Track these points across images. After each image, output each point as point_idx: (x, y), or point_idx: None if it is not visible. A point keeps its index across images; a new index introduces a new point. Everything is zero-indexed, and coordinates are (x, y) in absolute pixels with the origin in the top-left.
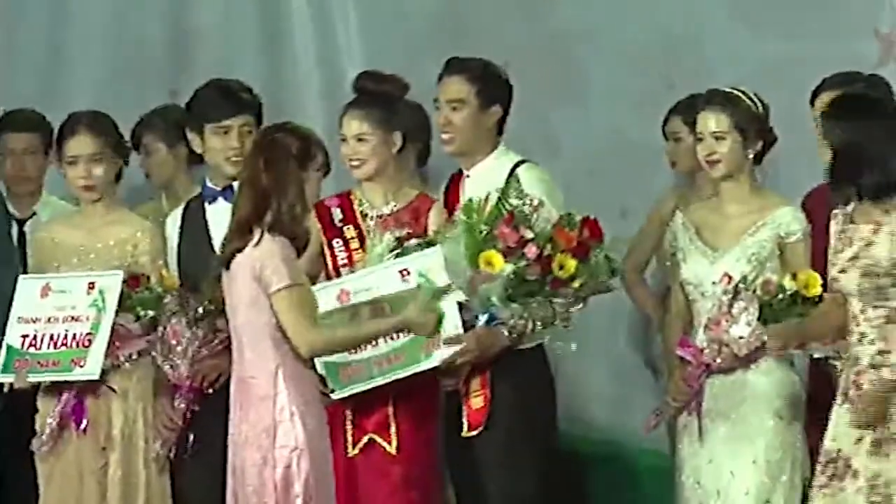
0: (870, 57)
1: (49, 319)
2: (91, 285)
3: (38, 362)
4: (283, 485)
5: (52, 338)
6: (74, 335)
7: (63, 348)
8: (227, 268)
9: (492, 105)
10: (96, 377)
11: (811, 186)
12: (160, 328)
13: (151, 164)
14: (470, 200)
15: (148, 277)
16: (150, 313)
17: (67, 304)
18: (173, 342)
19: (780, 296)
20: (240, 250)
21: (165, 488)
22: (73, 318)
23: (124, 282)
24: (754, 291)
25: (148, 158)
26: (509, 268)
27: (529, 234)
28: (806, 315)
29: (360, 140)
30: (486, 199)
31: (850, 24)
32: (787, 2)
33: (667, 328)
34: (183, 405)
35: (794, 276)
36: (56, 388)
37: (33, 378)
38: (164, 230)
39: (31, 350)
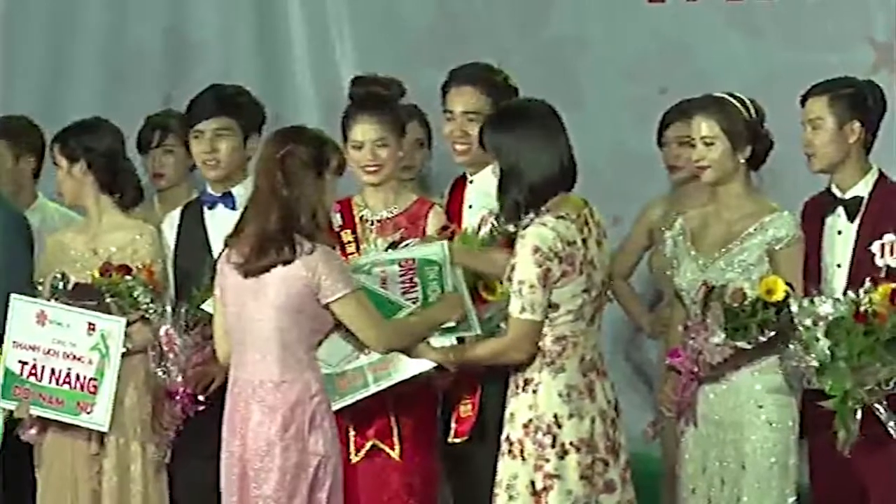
0: (865, 64)
1: (48, 351)
2: (91, 326)
3: (41, 395)
4: (310, 491)
5: (53, 372)
6: (78, 376)
7: (66, 387)
8: (247, 277)
9: None
10: (106, 429)
11: (808, 194)
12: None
13: (166, 164)
14: (465, 230)
15: (129, 269)
16: (115, 299)
17: (66, 339)
18: (166, 349)
19: (745, 302)
20: (280, 263)
21: (163, 492)
22: (74, 356)
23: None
24: (722, 300)
25: (164, 158)
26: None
27: None
28: (769, 321)
29: (381, 146)
30: (480, 224)
31: (845, 31)
32: (782, 10)
33: (670, 338)
34: (179, 411)
35: (760, 282)
36: None
37: (35, 411)
38: (162, 233)
39: (32, 380)
